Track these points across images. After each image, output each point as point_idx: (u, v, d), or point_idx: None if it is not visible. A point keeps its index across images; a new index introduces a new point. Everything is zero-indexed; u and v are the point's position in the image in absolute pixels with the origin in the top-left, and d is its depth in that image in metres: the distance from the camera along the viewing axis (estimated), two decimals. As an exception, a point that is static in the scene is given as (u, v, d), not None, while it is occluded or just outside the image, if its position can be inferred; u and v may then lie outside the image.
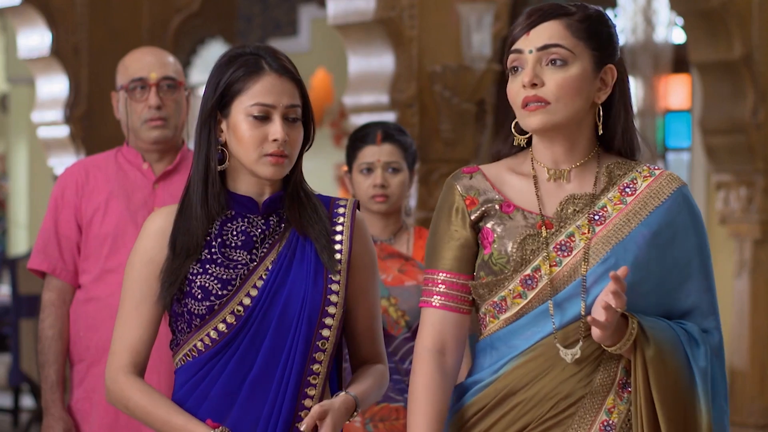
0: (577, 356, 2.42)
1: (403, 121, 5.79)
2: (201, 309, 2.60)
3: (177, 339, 2.67)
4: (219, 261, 2.62)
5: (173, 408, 2.60)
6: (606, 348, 2.40)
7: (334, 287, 2.63)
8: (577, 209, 2.48)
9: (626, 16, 8.74)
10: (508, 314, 2.48)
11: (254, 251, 2.63)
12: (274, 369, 2.59)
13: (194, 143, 2.67)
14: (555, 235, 2.47)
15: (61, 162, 6.88)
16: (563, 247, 2.46)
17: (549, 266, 2.45)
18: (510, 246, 2.48)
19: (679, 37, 8.72)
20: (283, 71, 2.62)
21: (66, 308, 3.76)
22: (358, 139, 3.83)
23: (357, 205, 2.74)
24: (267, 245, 2.64)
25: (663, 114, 8.89)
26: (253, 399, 2.59)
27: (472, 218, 2.52)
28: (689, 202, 2.51)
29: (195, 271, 2.61)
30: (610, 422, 2.43)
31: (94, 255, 3.72)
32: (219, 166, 2.63)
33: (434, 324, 2.54)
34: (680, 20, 7.87)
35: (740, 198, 7.35)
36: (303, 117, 2.64)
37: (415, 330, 3.62)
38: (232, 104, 2.61)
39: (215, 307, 2.60)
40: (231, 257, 2.62)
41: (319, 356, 2.62)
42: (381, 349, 2.76)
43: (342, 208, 2.71)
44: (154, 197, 3.75)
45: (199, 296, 2.60)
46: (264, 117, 2.60)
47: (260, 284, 2.61)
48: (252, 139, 2.59)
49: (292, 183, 2.67)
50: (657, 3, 8.65)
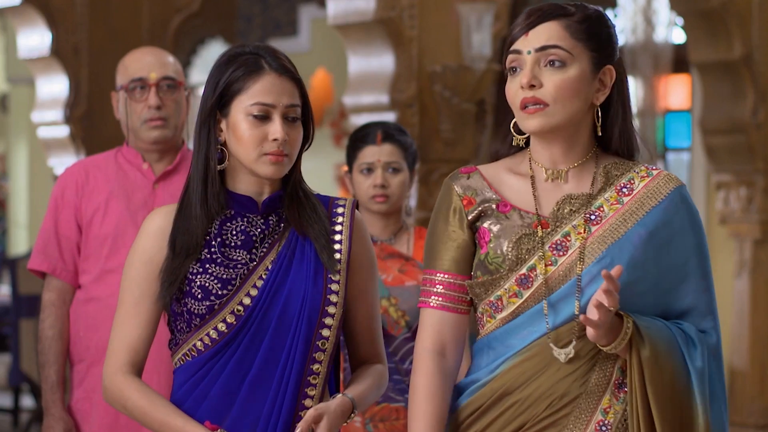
0: (571, 356, 2.42)
1: (403, 121, 5.79)
2: (201, 309, 2.60)
3: (176, 339, 2.67)
4: (219, 260, 2.61)
5: (171, 409, 2.60)
6: (601, 347, 2.40)
7: (334, 287, 2.63)
8: (574, 209, 2.48)
9: (626, 16, 8.74)
10: (504, 313, 2.48)
11: (254, 251, 2.63)
12: (274, 369, 2.59)
13: (193, 142, 2.67)
14: (551, 235, 2.47)
15: (61, 162, 6.87)
16: (559, 247, 2.46)
17: (544, 265, 2.45)
18: (505, 245, 2.48)
19: (679, 37, 8.72)
20: (283, 71, 2.62)
21: (66, 308, 3.76)
22: (359, 139, 3.83)
23: (356, 205, 2.74)
24: (266, 245, 2.64)
25: (663, 114, 8.89)
26: (253, 399, 2.58)
27: (470, 218, 2.52)
28: (687, 202, 2.50)
29: (195, 271, 2.61)
30: (606, 422, 2.43)
31: (94, 255, 3.72)
32: (218, 166, 2.63)
33: (433, 325, 2.54)
34: (680, 20, 7.87)
35: (740, 198, 7.34)
36: (302, 116, 2.65)
37: (416, 330, 3.62)
38: (232, 103, 2.61)
39: (215, 307, 2.60)
40: (231, 257, 2.62)
41: (319, 356, 2.61)
42: (380, 349, 2.76)
43: (341, 208, 2.71)
44: (154, 197, 3.75)
45: (199, 296, 2.60)
46: (264, 116, 2.60)
47: (260, 284, 2.61)
48: (252, 139, 2.59)
49: (291, 182, 2.67)
50: (657, 3, 8.65)
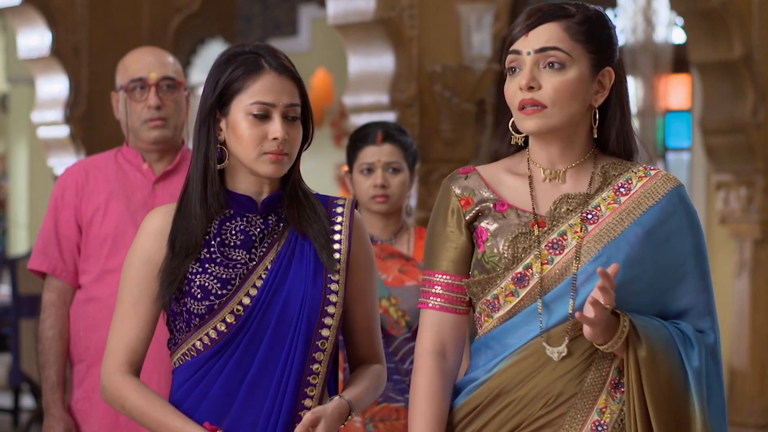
0: (564, 354, 2.42)
1: (403, 121, 5.79)
2: (200, 308, 2.59)
3: (175, 338, 2.66)
4: (218, 260, 2.61)
5: (170, 409, 2.59)
6: (598, 346, 2.40)
7: (334, 287, 2.63)
8: (571, 208, 2.48)
9: (626, 16, 8.74)
10: (501, 312, 2.48)
11: (253, 250, 2.63)
12: (274, 369, 2.58)
13: (193, 142, 2.67)
14: (547, 234, 2.47)
15: (61, 162, 6.87)
16: (555, 246, 2.46)
17: (540, 264, 2.45)
18: (502, 244, 2.48)
19: (679, 37, 8.72)
20: (283, 70, 2.62)
21: (66, 309, 3.76)
22: (359, 140, 3.83)
23: (355, 205, 2.73)
24: (266, 245, 2.64)
25: (663, 114, 8.89)
26: (253, 399, 2.58)
27: (467, 218, 2.53)
28: (685, 202, 2.50)
29: (194, 271, 2.61)
30: (602, 422, 2.43)
31: (94, 255, 3.72)
32: (218, 165, 2.62)
33: (433, 325, 2.54)
34: (680, 20, 7.86)
35: (740, 198, 7.34)
36: (302, 116, 2.64)
37: (416, 330, 3.62)
38: (232, 103, 2.61)
39: (215, 307, 2.59)
40: (230, 256, 2.62)
41: (319, 356, 2.61)
42: (379, 349, 2.76)
43: (340, 208, 2.71)
44: (154, 197, 3.75)
45: (199, 296, 2.59)
46: (264, 115, 2.59)
47: (260, 284, 2.60)
48: (252, 138, 2.59)
49: (291, 182, 2.66)
50: (657, 3, 8.65)
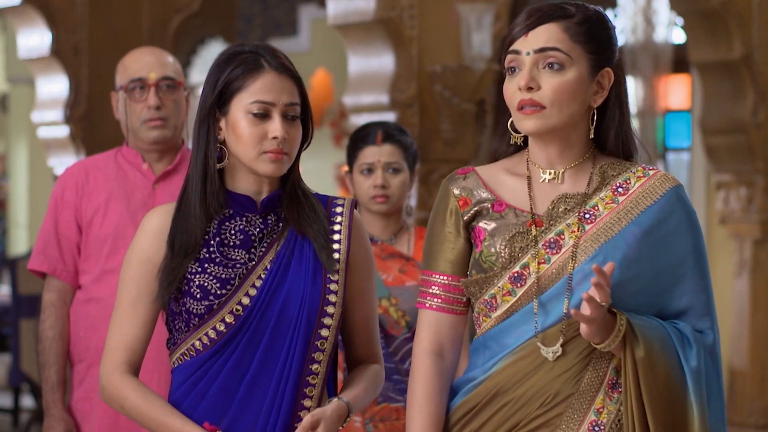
0: (558, 354, 2.42)
1: (403, 121, 5.78)
2: (200, 308, 2.59)
3: (174, 338, 2.66)
4: (218, 260, 2.61)
5: (169, 409, 2.59)
6: (595, 345, 2.40)
7: (333, 287, 2.63)
8: (568, 208, 2.48)
9: (626, 16, 8.74)
10: (499, 312, 2.48)
11: (253, 250, 2.63)
12: (273, 369, 2.58)
13: (192, 141, 2.67)
14: (544, 233, 2.47)
15: (61, 162, 6.87)
16: (552, 245, 2.46)
17: (537, 264, 2.45)
18: (499, 243, 2.48)
19: (679, 37, 8.72)
20: (283, 69, 2.62)
21: (66, 309, 3.76)
22: (359, 140, 3.83)
23: (354, 205, 2.73)
24: (265, 244, 2.64)
25: (663, 114, 8.89)
26: (252, 399, 2.58)
27: (465, 219, 2.53)
28: (684, 202, 2.49)
29: (194, 270, 2.61)
30: (599, 422, 2.42)
31: (95, 255, 3.72)
32: (218, 165, 2.62)
33: (430, 326, 2.54)
34: (680, 20, 7.86)
35: (740, 198, 7.34)
36: (302, 115, 2.64)
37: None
38: (231, 102, 2.61)
39: (214, 307, 2.59)
40: (229, 256, 2.62)
41: (318, 356, 2.61)
42: (377, 349, 2.76)
43: (340, 207, 2.71)
44: (154, 197, 3.75)
45: (198, 295, 2.59)
46: (263, 114, 2.59)
47: (259, 284, 2.60)
48: (251, 137, 2.59)
49: (290, 182, 2.66)
50: (657, 3, 8.64)
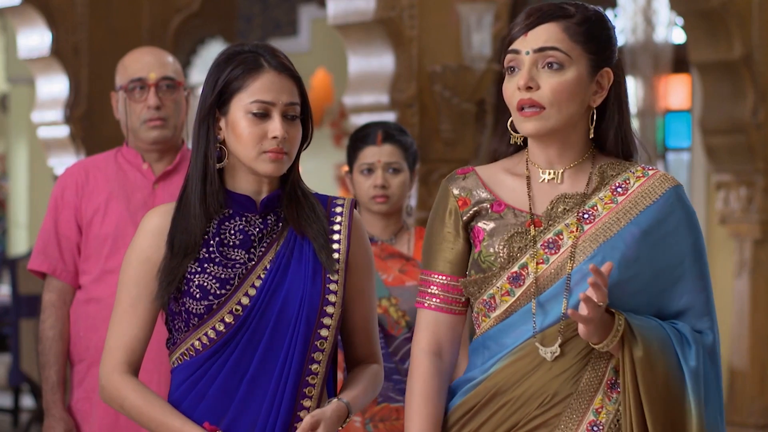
0: (557, 354, 2.42)
1: (403, 121, 5.79)
2: (199, 308, 2.59)
3: (174, 338, 2.66)
4: (217, 260, 2.61)
5: (169, 409, 2.59)
6: (593, 346, 2.40)
7: (333, 287, 2.63)
8: (567, 208, 2.48)
9: (626, 16, 8.74)
10: (498, 312, 2.48)
11: (252, 250, 2.63)
12: (273, 369, 2.58)
13: (192, 141, 2.67)
14: (543, 233, 2.47)
15: (61, 162, 6.87)
16: (551, 245, 2.46)
17: (536, 264, 2.45)
18: (497, 243, 2.48)
19: (679, 37, 8.72)
20: (282, 69, 2.62)
21: (66, 309, 3.76)
22: (359, 140, 3.82)
23: (354, 205, 2.73)
24: (265, 244, 2.64)
25: (663, 114, 8.89)
26: (251, 399, 2.58)
27: (464, 219, 2.53)
28: (683, 202, 2.49)
29: (193, 270, 2.61)
30: (598, 422, 2.42)
31: (95, 256, 3.72)
32: (217, 164, 2.62)
33: (429, 325, 2.54)
34: (680, 20, 7.86)
35: (740, 198, 7.34)
36: (301, 115, 2.64)
37: (416, 330, 3.62)
38: (231, 102, 2.61)
39: (214, 307, 2.59)
40: (229, 256, 2.62)
41: (318, 356, 2.61)
42: (376, 349, 2.76)
43: (339, 207, 2.71)
44: (154, 197, 3.75)
45: (198, 295, 2.59)
46: (263, 114, 2.59)
47: (258, 284, 2.60)
48: (251, 137, 2.59)
49: (290, 182, 2.66)
50: (657, 3, 8.64)
